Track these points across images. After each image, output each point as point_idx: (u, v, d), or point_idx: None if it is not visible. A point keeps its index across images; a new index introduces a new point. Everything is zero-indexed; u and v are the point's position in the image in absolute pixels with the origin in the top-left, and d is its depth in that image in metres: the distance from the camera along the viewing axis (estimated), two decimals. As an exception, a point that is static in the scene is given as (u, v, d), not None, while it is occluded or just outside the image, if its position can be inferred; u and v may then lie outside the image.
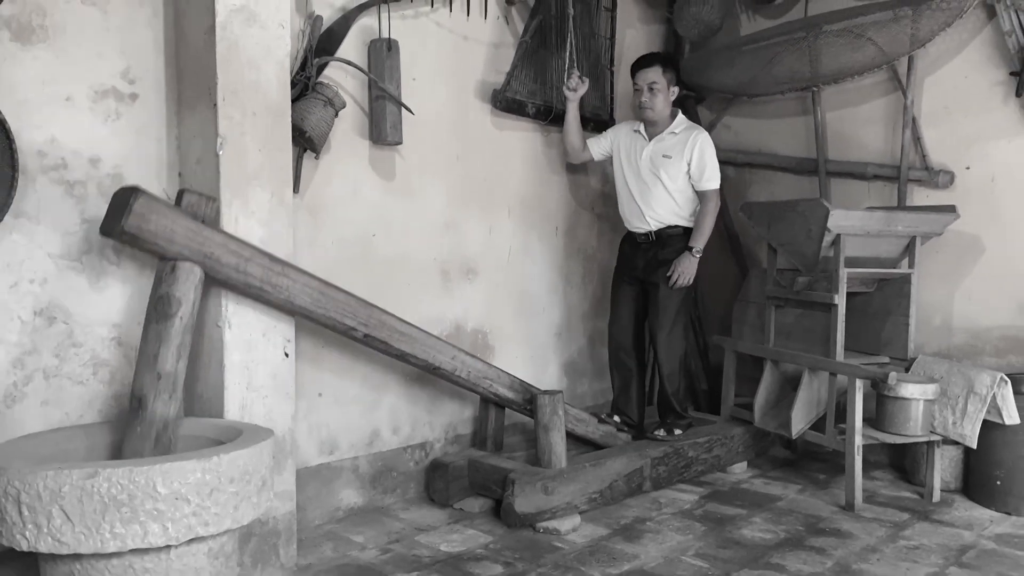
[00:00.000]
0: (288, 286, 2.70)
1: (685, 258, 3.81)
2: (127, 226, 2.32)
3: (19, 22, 2.46)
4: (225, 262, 2.52)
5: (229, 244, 2.54)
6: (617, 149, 4.00)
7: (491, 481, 3.41)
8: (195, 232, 2.46)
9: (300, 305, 2.75)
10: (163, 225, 2.39)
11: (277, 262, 2.67)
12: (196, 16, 2.69)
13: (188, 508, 2.12)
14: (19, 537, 2.07)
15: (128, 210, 2.31)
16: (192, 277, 2.46)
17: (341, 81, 3.27)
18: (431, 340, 3.23)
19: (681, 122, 3.89)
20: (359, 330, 2.94)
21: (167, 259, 2.45)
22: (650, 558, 3.04)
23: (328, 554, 3.05)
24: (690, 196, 3.86)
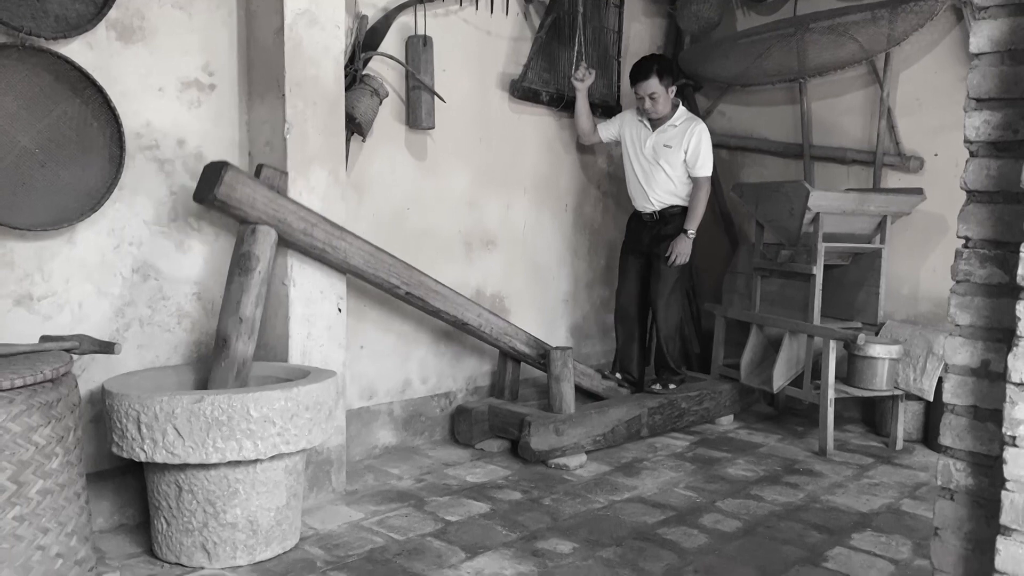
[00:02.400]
0: (345, 248, 3.17)
1: (681, 239, 4.27)
2: (219, 194, 2.79)
3: (122, 24, 2.91)
4: (295, 226, 3.00)
5: (299, 211, 3.02)
6: (624, 135, 4.44)
7: (509, 424, 3.90)
8: (272, 200, 2.93)
9: (354, 265, 3.22)
10: (247, 194, 2.86)
11: (336, 227, 3.15)
12: (266, 18, 3.14)
13: (274, 429, 2.61)
14: (138, 450, 2.56)
15: (220, 180, 2.78)
16: (269, 238, 2.94)
17: (383, 73, 3.72)
18: (460, 299, 3.72)
19: (681, 114, 4.31)
20: (401, 288, 3.42)
21: (248, 223, 2.92)
22: (647, 489, 3.54)
23: (371, 482, 3.55)
24: (688, 180, 4.31)
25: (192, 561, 2.66)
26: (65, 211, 2.74)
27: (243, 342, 2.90)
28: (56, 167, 2.72)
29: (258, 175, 2.97)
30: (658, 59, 4.27)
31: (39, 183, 2.69)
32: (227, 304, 2.91)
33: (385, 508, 3.24)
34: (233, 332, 2.90)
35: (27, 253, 2.73)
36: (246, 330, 2.90)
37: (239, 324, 2.89)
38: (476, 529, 3.04)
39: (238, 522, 2.65)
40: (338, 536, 2.95)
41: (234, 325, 2.89)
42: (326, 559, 2.75)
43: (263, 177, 2.96)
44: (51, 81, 2.70)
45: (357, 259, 3.22)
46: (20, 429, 2.21)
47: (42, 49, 2.65)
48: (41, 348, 2.50)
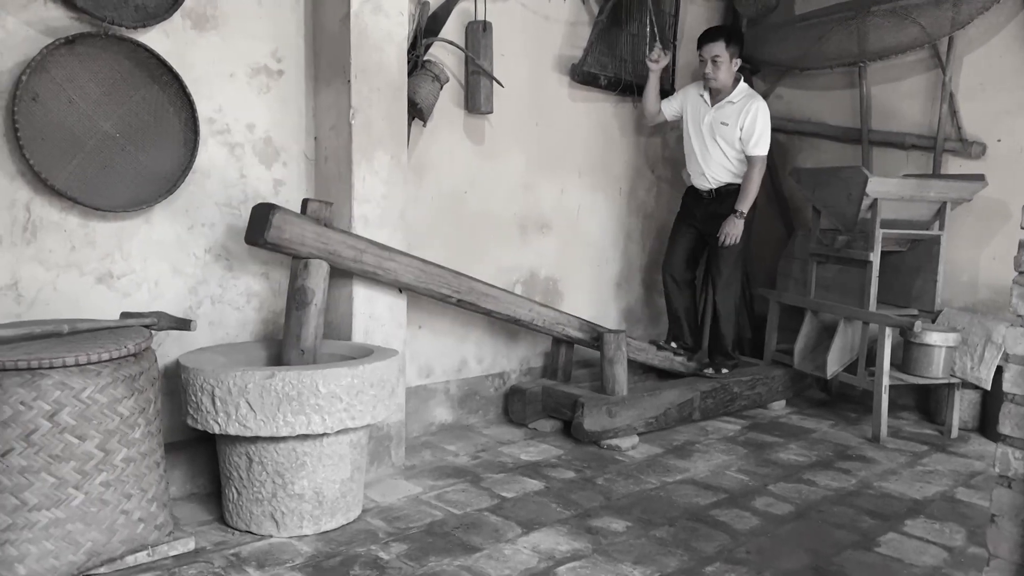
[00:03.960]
0: (395, 268, 3.26)
1: (731, 220, 4.27)
2: (269, 237, 2.87)
3: (197, 12, 3.01)
4: (346, 255, 3.09)
5: (347, 240, 3.10)
6: (685, 111, 4.45)
7: (562, 405, 3.98)
8: (320, 234, 3.01)
9: (405, 282, 3.32)
10: (296, 232, 2.94)
11: (385, 250, 3.23)
12: (333, 6, 3.23)
13: (341, 404, 2.71)
14: (212, 423, 2.68)
15: (269, 224, 2.86)
16: (321, 271, 3.03)
17: (443, 58, 3.79)
18: (511, 298, 3.79)
19: (741, 91, 4.29)
20: (453, 296, 3.52)
21: (300, 258, 3.01)
22: (699, 471, 3.59)
23: (428, 458, 3.65)
24: (745, 159, 4.30)
25: (261, 529, 2.78)
26: (143, 193, 2.86)
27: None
28: (135, 151, 2.84)
29: (304, 210, 3.04)
30: (729, 27, 4.29)
31: (119, 166, 2.81)
32: (287, 337, 3.01)
33: (443, 483, 3.33)
34: (296, 364, 2.97)
35: (108, 233, 2.86)
36: (308, 360, 2.99)
37: (301, 355, 2.99)
38: (531, 505, 3.12)
39: (305, 493, 2.77)
40: (398, 509, 3.06)
41: (296, 357, 2.99)
42: (387, 531, 2.86)
43: (309, 211, 3.03)
44: (131, 68, 2.81)
45: (407, 276, 3.31)
46: (106, 400, 2.35)
47: (123, 38, 2.77)
48: (123, 324, 2.63)
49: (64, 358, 2.26)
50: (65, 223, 2.76)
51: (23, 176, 2.65)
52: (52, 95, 2.65)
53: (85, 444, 2.31)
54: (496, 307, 3.72)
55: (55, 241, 2.74)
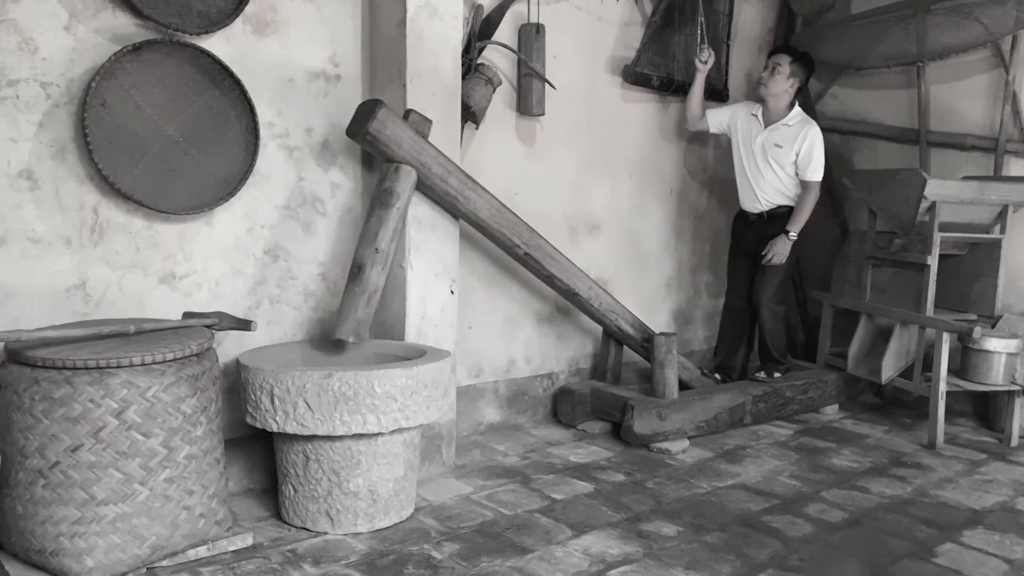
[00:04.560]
0: (475, 199, 3.31)
1: (781, 239, 4.23)
2: (371, 128, 2.94)
3: (258, 18, 3.07)
4: (434, 170, 3.16)
5: (439, 157, 3.18)
6: (735, 129, 4.41)
7: (612, 407, 3.98)
8: (416, 142, 3.08)
9: (481, 217, 3.35)
10: (396, 133, 3.01)
11: (470, 179, 3.30)
12: (389, 10, 3.27)
13: (395, 405, 2.75)
14: (271, 421, 2.74)
15: (373, 116, 2.94)
16: (410, 178, 3.09)
17: (495, 61, 3.81)
18: (575, 269, 3.81)
19: (796, 115, 4.26)
20: (521, 248, 3.53)
21: (392, 161, 3.07)
22: (750, 476, 3.56)
23: (477, 457, 3.68)
24: (798, 181, 4.25)
25: (316, 526, 2.84)
26: (205, 196, 2.93)
27: (376, 272, 3.04)
28: (197, 155, 2.91)
29: (406, 118, 3.10)
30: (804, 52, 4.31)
31: (182, 170, 2.88)
32: (365, 235, 3.06)
33: (493, 483, 3.36)
34: (368, 261, 3.03)
35: (170, 235, 2.94)
36: (380, 260, 3.03)
37: (375, 254, 3.03)
38: (581, 508, 3.14)
39: (360, 491, 2.81)
40: (450, 508, 3.09)
41: (370, 255, 3.03)
42: (440, 530, 2.89)
43: (410, 121, 3.10)
44: (194, 74, 2.89)
45: (484, 212, 3.34)
46: (170, 399, 2.42)
47: (186, 44, 2.84)
48: (185, 324, 2.71)
49: (131, 358, 2.34)
50: (130, 225, 2.84)
51: (91, 180, 2.74)
52: (119, 101, 2.73)
53: (150, 441, 2.38)
54: (559, 272, 3.73)
55: (121, 243, 2.83)
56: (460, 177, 3.24)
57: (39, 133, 2.63)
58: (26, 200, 2.63)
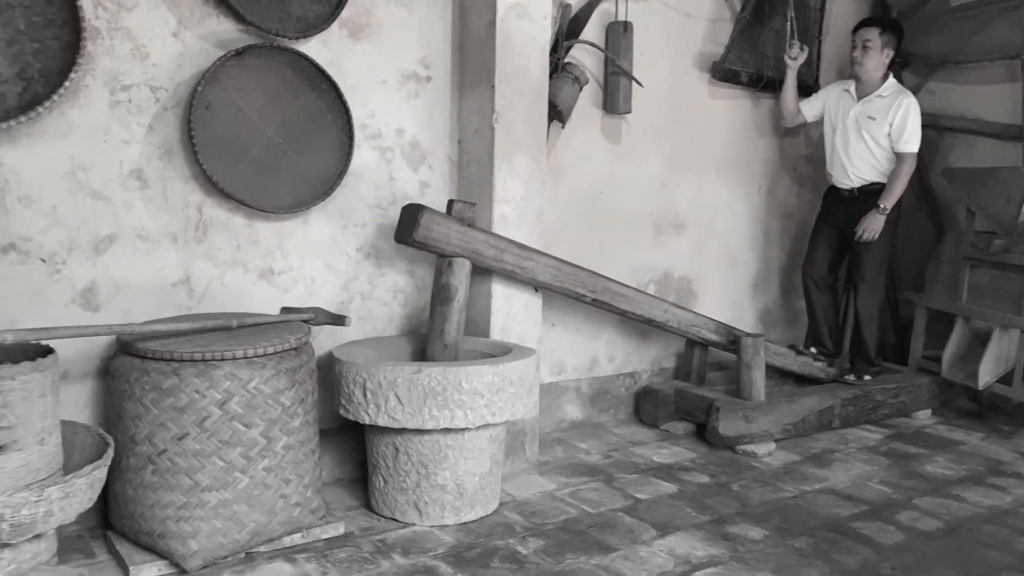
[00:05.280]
0: (532, 267, 3.33)
1: (871, 215, 4.12)
2: (417, 236, 2.99)
3: (353, 22, 3.16)
4: (487, 254, 3.18)
5: (489, 240, 3.19)
6: (828, 108, 4.34)
7: (696, 408, 3.95)
8: (464, 234, 3.11)
9: (542, 280, 3.38)
10: (442, 232, 3.05)
11: (524, 249, 3.30)
12: (479, 12, 3.31)
13: (482, 401, 2.80)
14: (363, 413, 2.82)
15: (417, 224, 2.98)
16: (464, 269, 3.12)
17: (582, 59, 3.82)
18: (645, 298, 3.79)
19: (891, 86, 4.14)
20: (588, 296, 3.55)
21: (444, 256, 3.12)
22: (838, 481, 3.49)
23: (560, 455, 3.71)
24: (892, 155, 4.14)
25: (405, 517, 2.91)
26: (303, 196, 3.03)
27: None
28: (295, 155, 3.02)
29: (449, 210, 3.14)
30: (890, 18, 4.20)
31: (281, 170, 2.99)
32: (432, 332, 3.13)
33: (576, 481, 3.38)
34: (439, 357, 3.11)
35: (269, 233, 3.05)
36: (450, 354, 3.11)
37: (444, 350, 3.11)
38: (665, 508, 3.13)
39: (447, 484, 2.87)
40: (534, 504, 3.13)
41: (440, 351, 3.11)
42: (524, 525, 2.93)
43: (454, 212, 3.13)
44: (292, 77, 2.98)
45: (544, 275, 3.37)
46: (270, 391, 2.52)
47: (285, 48, 2.94)
48: (284, 319, 2.81)
49: (234, 351, 2.44)
50: (232, 223, 2.96)
51: (196, 180, 2.86)
52: (223, 104, 2.84)
53: (251, 431, 2.48)
54: (631, 307, 3.73)
55: (223, 240, 2.95)
56: (514, 251, 3.26)
57: (149, 135, 2.77)
58: (136, 199, 2.77)
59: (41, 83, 2.51)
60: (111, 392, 2.57)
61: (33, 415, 2.10)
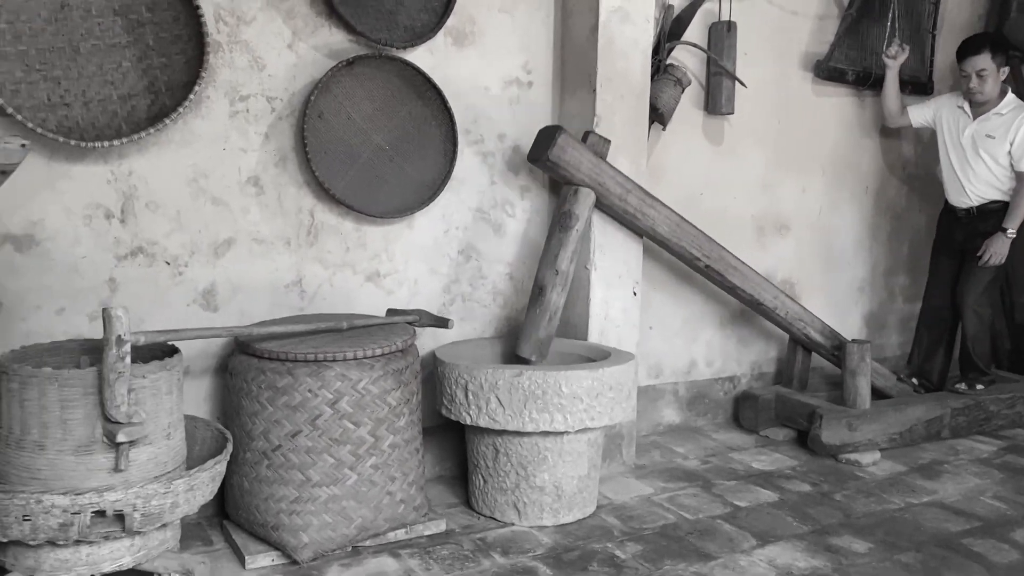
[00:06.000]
0: (654, 216, 3.33)
1: (998, 238, 3.93)
2: (551, 155, 3.04)
3: (457, 30, 3.22)
4: (613, 191, 3.21)
5: (617, 177, 3.22)
6: (940, 122, 4.16)
7: (797, 414, 3.87)
8: (595, 165, 3.14)
9: (660, 233, 3.37)
10: (575, 157, 3.09)
11: (648, 196, 3.32)
12: (581, 17, 3.33)
13: (581, 405, 2.82)
14: (464, 414, 2.89)
15: (553, 143, 3.03)
16: (588, 199, 3.16)
17: (684, 60, 3.79)
18: (758, 278, 3.74)
19: (1009, 102, 3.95)
20: (702, 261, 3.52)
21: (572, 184, 3.15)
22: (948, 494, 3.37)
23: (657, 459, 3.70)
24: (1012, 174, 3.95)
25: (504, 517, 2.96)
26: (408, 201, 3.12)
27: (557, 293, 3.13)
28: (402, 162, 3.10)
29: (585, 140, 3.17)
30: (992, 35, 3.95)
31: (388, 176, 3.08)
32: (546, 257, 3.16)
33: (673, 486, 3.37)
34: (549, 283, 3.14)
35: (376, 237, 3.15)
36: (560, 282, 3.13)
37: (555, 276, 3.12)
38: (765, 517, 3.09)
39: (546, 486, 2.91)
40: (631, 508, 3.14)
41: (551, 277, 3.13)
42: (622, 529, 2.95)
43: (589, 143, 3.17)
44: (400, 85, 3.07)
45: (663, 227, 3.36)
46: (378, 391, 2.60)
47: (393, 57, 3.02)
48: (390, 321, 2.90)
49: (345, 352, 2.54)
50: (341, 227, 3.07)
51: (308, 186, 2.98)
52: (334, 112, 2.95)
53: (359, 430, 2.57)
54: (742, 283, 3.68)
55: (333, 243, 3.06)
56: (639, 195, 3.27)
57: (264, 143, 2.90)
58: (253, 204, 2.90)
59: (168, 95, 2.65)
60: (229, 389, 2.71)
61: (161, 411, 2.23)
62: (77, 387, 2.09)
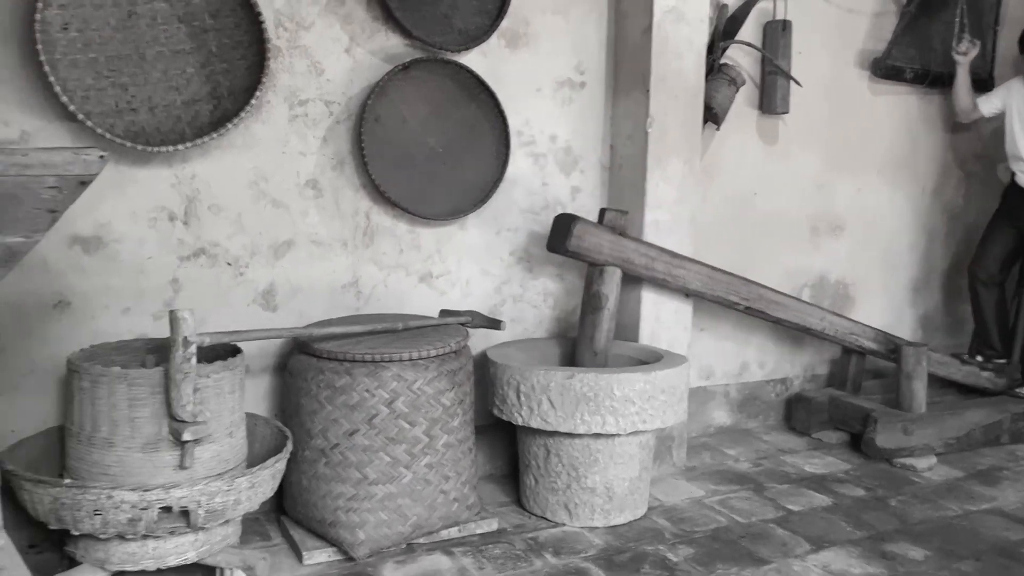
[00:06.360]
0: (683, 275, 3.32)
1: None
2: (570, 246, 3.05)
3: (511, 32, 3.24)
4: (638, 263, 3.21)
5: (639, 249, 3.21)
6: (1009, 106, 4.11)
7: (851, 417, 3.83)
8: (615, 243, 3.14)
9: (693, 288, 3.38)
10: (594, 242, 3.09)
11: (675, 257, 3.30)
12: (635, 17, 3.32)
13: (633, 408, 2.83)
14: (516, 415, 2.91)
15: (569, 234, 3.04)
16: (615, 277, 3.16)
17: (738, 59, 3.76)
18: (801, 306, 3.71)
19: None
20: (741, 304, 3.52)
21: (596, 265, 3.16)
22: (1008, 501, 3.31)
23: (707, 460, 3.69)
24: None
25: (555, 517, 2.98)
26: (461, 203, 3.15)
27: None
28: (455, 164, 3.13)
29: (601, 219, 3.18)
30: None
31: (442, 178, 3.11)
32: (582, 339, 3.19)
33: (725, 488, 3.36)
34: (589, 363, 3.16)
35: (429, 238, 3.18)
36: (600, 361, 3.16)
37: (594, 357, 3.16)
38: (819, 521, 3.07)
39: (597, 487, 2.93)
40: (682, 510, 3.13)
41: (590, 358, 3.17)
42: (673, 532, 2.95)
43: (606, 220, 3.17)
44: (453, 88, 3.10)
45: (695, 283, 3.37)
46: (432, 392, 2.64)
47: (448, 60, 3.05)
48: (443, 322, 2.93)
49: (401, 353, 2.58)
50: (396, 229, 3.11)
51: (365, 188, 3.03)
52: (390, 116, 2.99)
53: (414, 430, 2.61)
54: (785, 315, 3.66)
55: (388, 245, 3.10)
56: (665, 260, 3.27)
57: (322, 147, 2.95)
58: (311, 207, 2.95)
59: (229, 100, 2.71)
60: (288, 387, 2.77)
61: (224, 410, 2.29)
62: (145, 386, 2.16)
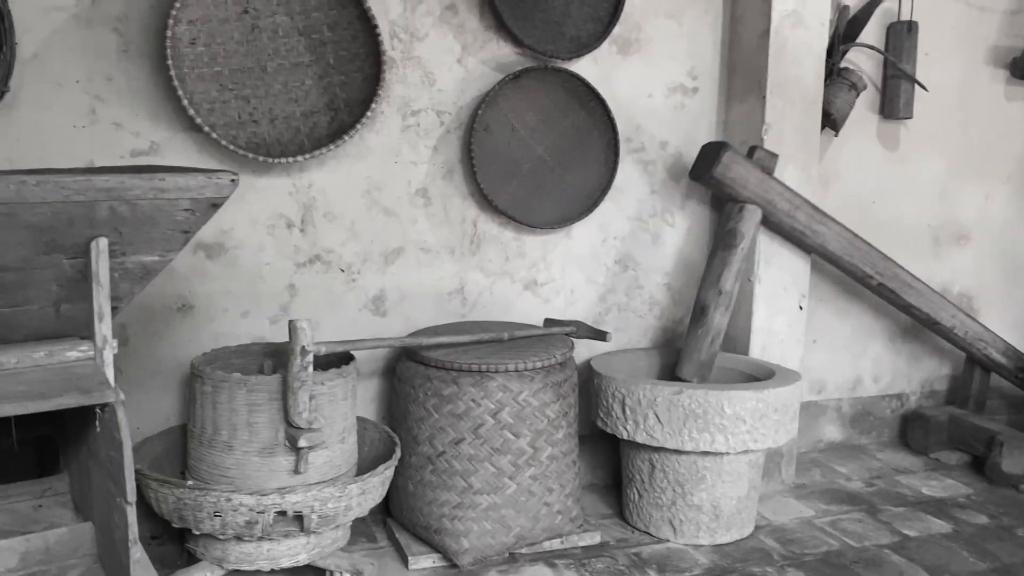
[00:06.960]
0: (824, 232, 3.21)
1: None
2: (716, 173, 2.98)
3: (623, 38, 3.19)
4: (780, 207, 3.11)
5: (785, 193, 3.12)
6: None
7: (973, 438, 3.63)
8: (762, 181, 3.06)
9: (831, 250, 3.24)
10: (741, 174, 3.02)
11: (818, 211, 3.20)
12: (751, 22, 3.23)
13: (744, 427, 2.75)
14: (621, 428, 2.87)
15: (718, 160, 2.98)
16: (754, 217, 3.08)
17: (859, 62, 3.60)
18: (935, 296, 3.54)
19: None
20: (875, 278, 3.36)
21: (737, 201, 3.08)
22: None
23: (817, 478, 3.56)
24: None
25: (659, 533, 2.94)
26: (567, 211, 3.13)
27: (720, 313, 3.07)
28: (563, 172, 3.11)
29: (750, 156, 3.09)
30: None
31: (549, 186, 3.10)
32: (708, 277, 3.11)
33: (836, 509, 3.24)
34: (712, 303, 3.08)
35: (535, 246, 3.18)
36: (724, 302, 3.07)
37: (718, 296, 3.07)
38: (938, 549, 2.92)
39: (703, 505, 2.86)
40: (791, 531, 3.04)
41: (713, 297, 3.08)
42: (782, 553, 2.86)
43: (755, 158, 3.09)
44: (563, 96, 3.08)
45: (834, 244, 3.24)
46: (537, 403, 2.64)
47: (558, 69, 3.03)
48: (548, 332, 2.92)
49: (507, 364, 2.58)
50: (502, 237, 3.12)
51: (473, 197, 3.04)
52: (499, 125, 2.99)
53: (519, 441, 2.62)
54: (917, 302, 3.49)
55: (494, 252, 3.11)
56: (808, 211, 3.15)
57: (433, 156, 2.98)
58: (421, 215, 2.99)
59: (346, 112, 2.77)
60: (396, 393, 2.82)
61: (336, 416, 2.35)
62: (263, 392, 2.23)
